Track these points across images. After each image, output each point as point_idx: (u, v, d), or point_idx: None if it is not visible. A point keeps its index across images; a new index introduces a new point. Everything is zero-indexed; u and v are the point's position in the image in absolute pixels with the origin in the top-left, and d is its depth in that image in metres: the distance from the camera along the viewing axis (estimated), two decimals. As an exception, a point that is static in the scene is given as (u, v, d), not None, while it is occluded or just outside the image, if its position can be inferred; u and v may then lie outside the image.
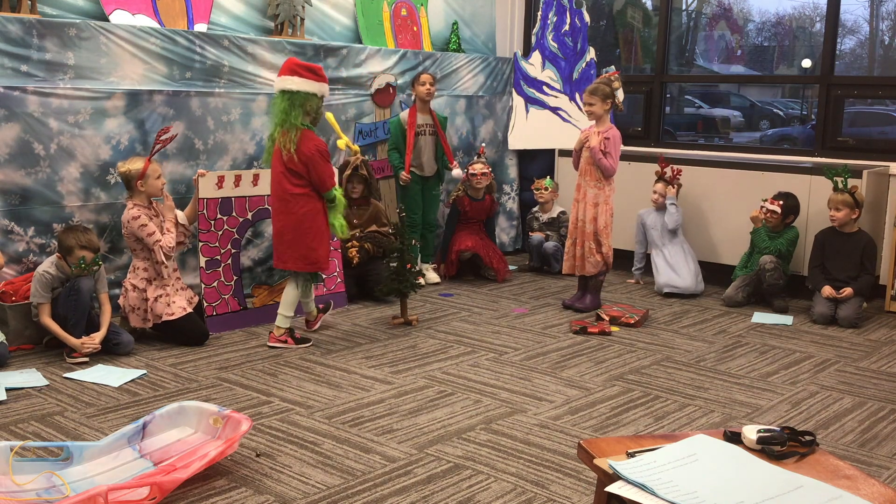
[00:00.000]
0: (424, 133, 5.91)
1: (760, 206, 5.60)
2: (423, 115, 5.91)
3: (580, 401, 3.76)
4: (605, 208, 5.24)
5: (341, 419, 3.48)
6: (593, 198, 5.22)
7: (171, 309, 4.41)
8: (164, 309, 4.40)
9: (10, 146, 4.35)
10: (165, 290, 4.46)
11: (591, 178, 5.21)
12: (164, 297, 4.43)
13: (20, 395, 3.67)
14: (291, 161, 4.29)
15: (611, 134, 5.14)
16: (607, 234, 5.26)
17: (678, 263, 5.85)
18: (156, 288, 4.44)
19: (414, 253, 5.17)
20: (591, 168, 5.20)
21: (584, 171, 5.25)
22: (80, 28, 4.55)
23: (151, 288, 4.44)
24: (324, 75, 4.40)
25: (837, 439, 3.38)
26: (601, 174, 5.18)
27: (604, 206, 5.23)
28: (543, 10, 7.05)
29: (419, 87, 5.83)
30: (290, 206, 4.36)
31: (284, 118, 4.27)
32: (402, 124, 5.85)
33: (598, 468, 1.88)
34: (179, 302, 4.46)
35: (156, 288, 4.44)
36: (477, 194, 6.20)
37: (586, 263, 5.29)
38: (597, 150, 5.09)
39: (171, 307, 4.41)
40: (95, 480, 2.80)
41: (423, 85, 5.81)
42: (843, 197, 5.24)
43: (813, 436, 2.02)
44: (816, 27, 6.99)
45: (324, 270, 4.65)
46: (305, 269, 4.47)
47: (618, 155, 5.20)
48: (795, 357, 4.49)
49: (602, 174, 5.18)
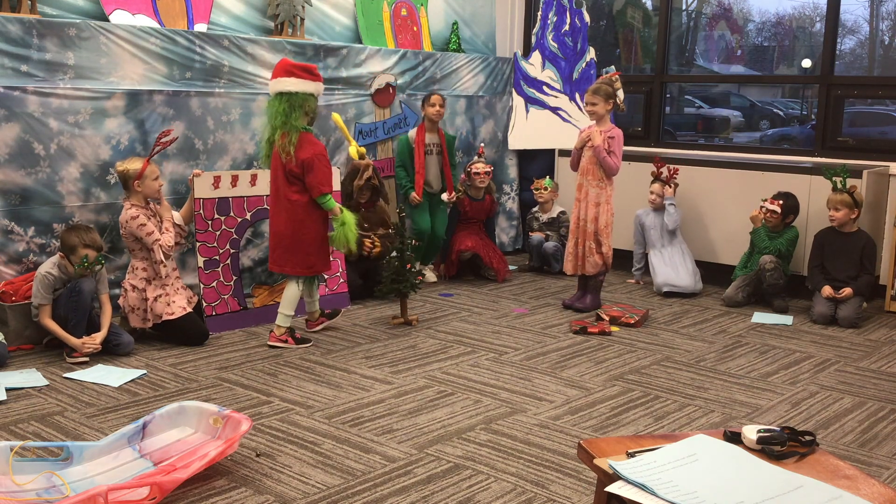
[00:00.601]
0: (432, 152, 5.96)
1: (760, 206, 5.60)
2: (431, 134, 5.95)
3: (580, 401, 3.76)
4: (607, 208, 5.24)
5: (341, 419, 3.48)
6: (595, 197, 5.22)
7: (172, 308, 4.41)
8: (164, 308, 4.40)
9: (10, 146, 4.35)
10: (165, 290, 4.46)
11: (593, 178, 5.21)
12: (164, 297, 4.43)
13: (20, 395, 3.67)
14: (290, 164, 4.29)
15: (615, 133, 5.15)
16: (608, 233, 5.26)
17: (676, 263, 5.85)
18: (155, 288, 4.44)
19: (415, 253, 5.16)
20: (593, 167, 5.20)
21: (585, 171, 5.25)
22: (80, 28, 4.55)
23: (151, 288, 4.44)
24: (319, 74, 4.42)
25: (837, 439, 3.38)
26: (603, 173, 5.18)
27: (605, 205, 5.23)
28: (543, 10, 7.05)
29: (429, 108, 5.87)
30: (289, 211, 4.36)
31: (285, 120, 4.26)
32: (410, 143, 5.88)
33: (598, 468, 1.88)
34: (179, 302, 4.46)
35: (155, 288, 4.44)
36: (477, 194, 6.20)
37: (586, 263, 5.29)
38: (601, 149, 5.09)
39: (171, 307, 4.41)
40: (95, 480, 2.80)
41: (433, 106, 5.86)
42: (842, 197, 5.24)
43: (813, 436, 2.02)
44: (816, 27, 6.99)
45: (322, 272, 4.65)
46: (302, 273, 4.48)
47: (621, 154, 5.21)
48: (795, 357, 4.49)
49: (605, 173, 5.18)
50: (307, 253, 4.41)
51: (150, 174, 4.41)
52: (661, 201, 5.91)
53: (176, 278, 4.58)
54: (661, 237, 5.95)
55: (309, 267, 4.46)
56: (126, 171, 4.39)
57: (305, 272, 4.47)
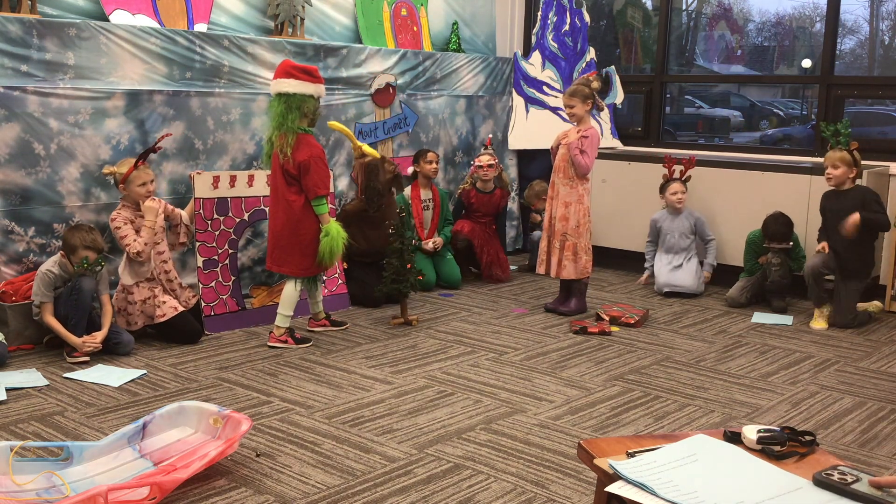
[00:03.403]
0: (428, 208, 5.98)
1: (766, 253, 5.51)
2: (425, 190, 5.97)
3: (580, 401, 3.76)
4: (579, 208, 5.14)
5: (341, 419, 3.48)
6: (565, 196, 5.13)
7: (163, 310, 4.41)
8: (155, 311, 4.41)
9: (10, 146, 4.35)
10: (154, 292, 4.45)
11: (564, 176, 5.14)
12: (153, 299, 4.43)
13: (20, 395, 3.67)
14: (288, 164, 4.30)
15: (589, 133, 5.07)
16: (579, 234, 5.14)
17: (682, 263, 5.82)
18: (142, 290, 4.44)
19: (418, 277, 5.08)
20: (564, 165, 5.12)
21: (557, 169, 5.18)
22: (80, 28, 4.55)
23: (139, 290, 4.44)
24: (319, 76, 4.41)
25: (837, 439, 3.38)
26: (574, 172, 5.11)
27: (577, 205, 5.13)
28: (543, 10, 7.05)
29: (425, 165, 5.87)
30: (287, 211, 4.37)
31: (281, 122, 4.28)
32: (407, 200, 5.88)
33: (598, 468, 1.88)
34: (170, 302, 4.45)
35: (142, 290, 4.44)
36: (485, 187, 6.12)
37: (561, 268, 5.18)
38: (573, 146, 5.04)
39: (161, 308, 4.41)
40: (95, 480, 2.81)
41: (429, 163, 5.87)
42: (842, 154, 5.05)
43: (813, 436, 2.01)
44: (816, 27, 6.99)
45: (318, 273, 4.64)
46: (299, 273, 4.48)
47: (594, 154, 5.12)
48: (795, 357, 4.49)
49: (575, 172, 5.10)
50: (304, 254, 4.42)
51: (136, 179, 4.38)
52: (684, 201, 5.84)
53: (167, 280, 4.56)
54: (680, 242, 5.86)
55: (305, 268, 4.46)
56: (113, 174, 4.41)
57: (301, 273, 4.47)
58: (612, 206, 6.46)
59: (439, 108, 6.59)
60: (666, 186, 5.91)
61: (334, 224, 4.44)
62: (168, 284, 4.56)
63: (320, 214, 4.40)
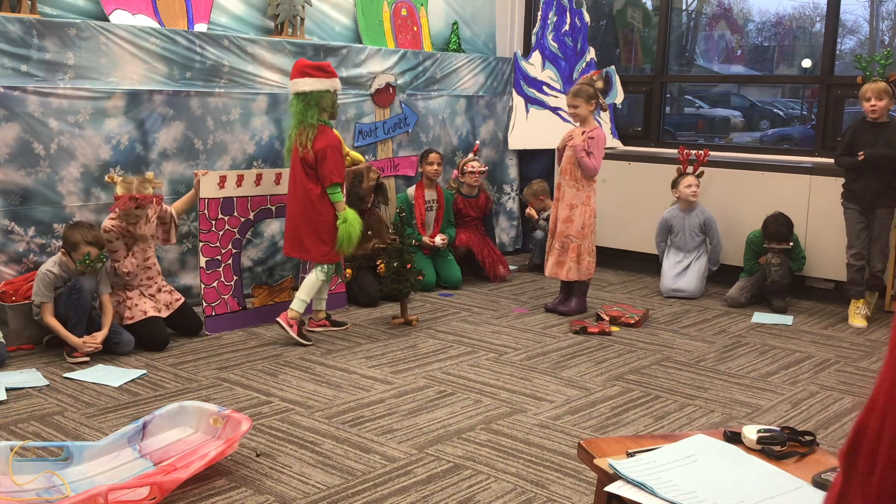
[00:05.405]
0: (432, 209, 5.99)
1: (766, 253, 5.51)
2: (429, 190, 5.98)
3: (580, 401, 3.76)
4: (585, 210, 5.12)
5: (341, 419, 3.48)
6: (571, 198, 5.12)
7: (132, 313, 4.40)
8: (126, 312, 4.41)
9: (10, 146, 4.35)
10: (128, 294, 4.45)
11: (570, 178, 5.12)
12: (127, 301, 4.43)
13: (20, 395, 3.67)
14: (307, 155, 4.43)
15: (595, 134, 5.06)
16: (584, 235, 5.13)
17: (690, 264, 5.79)
18: (119, 292, 4.44)
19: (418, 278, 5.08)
20: (571, 167, 5.11)
21: (564, 171, 5.17)
22: (80, 28, 4.55)
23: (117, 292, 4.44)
24: (333, 71, 4.56)
25: (837, 439, 3.38)
26: (581, 174, 5.09)
27: (583, 207, 5.11)
28: (543, 10, 7.05)
29: (427, 167, 5.91)
30: (305, 200, 4.48)
31: (301, 119, 4.45)
32: (410, 199, 5.91)
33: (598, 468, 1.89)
34: (142, 306, 4.44)
35: (119, 292, 4.44)
36: (470, 191, 6.18)
37: (565, 269, 5.18)
38: (580, 148, 5.03)
39: (131, 310, 4.41)
40: (95, 480, 2.81)
41: (431, 164, 5.90)
42: (885, 86, 4.93)
43: (813, 436, 2.02)
44: (816, 27, 6.99)
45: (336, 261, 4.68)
46: (320, 259, 4.56)
47: (601, 155, 5.10)
48: (795, 357, 4.49)
49: (583, 174, 5.08)
50: (322, 241, 4.51)
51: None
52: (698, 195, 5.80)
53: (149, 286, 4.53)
54: (688, 241, 5.83)
55: (324, 254, 4.54)
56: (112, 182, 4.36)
57: (321, 259, 4.55)
58: (612, 206, 6.46)
59: (439, 108, 6.59)
60: (679, 180, 5.85)
61: (350, 211, 4.56)
62: (147, 290, 4.53)
63: (336, 202, 4.49)
